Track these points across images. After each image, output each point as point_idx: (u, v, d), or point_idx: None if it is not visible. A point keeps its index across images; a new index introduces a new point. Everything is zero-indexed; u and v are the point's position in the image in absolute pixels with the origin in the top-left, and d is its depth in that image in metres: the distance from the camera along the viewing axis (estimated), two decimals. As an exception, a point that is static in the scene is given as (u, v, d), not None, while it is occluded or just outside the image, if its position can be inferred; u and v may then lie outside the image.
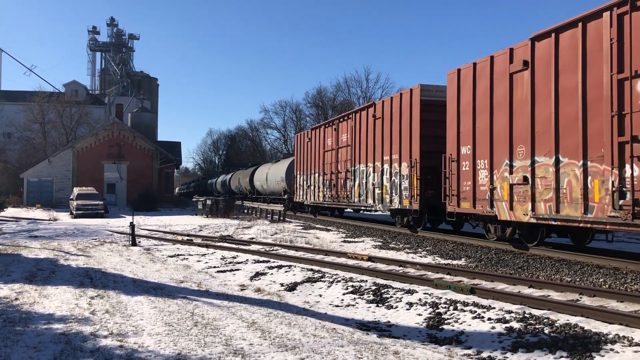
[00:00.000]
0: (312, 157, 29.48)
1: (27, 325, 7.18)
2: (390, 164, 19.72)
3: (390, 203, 19.86)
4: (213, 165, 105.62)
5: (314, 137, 29.28)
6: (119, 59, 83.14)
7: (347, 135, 24.28)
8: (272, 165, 42.50)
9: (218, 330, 6.97)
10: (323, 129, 27.99)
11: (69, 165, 46.29)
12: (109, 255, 15.58)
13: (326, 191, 26.89)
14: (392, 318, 8.21)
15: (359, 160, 22.73)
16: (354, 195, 23.19)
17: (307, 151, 30.64)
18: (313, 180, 29.19)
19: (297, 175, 32.56)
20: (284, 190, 36.46)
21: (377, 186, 20.88)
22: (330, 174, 26.37)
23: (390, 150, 19.78)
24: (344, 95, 70.73)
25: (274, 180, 39.58)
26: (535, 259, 12.86)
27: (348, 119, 24.32)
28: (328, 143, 26.89)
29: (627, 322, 6.83)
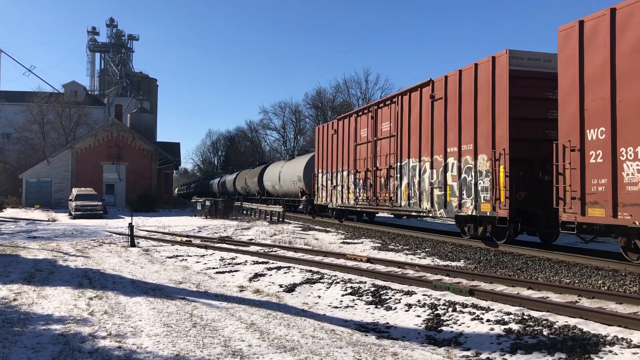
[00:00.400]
0: (339, 152, 25.19)
1: (25, 326, 7.17)
2: (459, 157, 15.43)
3: (458, 208, 15.43)
4: (212, 166, 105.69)
5: (342, 128, 24.82)
6: (119, 59, 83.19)
7: (389, 124, 20.02)
8: (286, 163, 38.16)
9: (217, 331, 6.96)
10: (355, 117, 23.49)
11: (68, 166, 46.27)
12: (108, 256, 15.57)
13: (359, 192, 22.71)
14: (391, 319, 8.21)
15: (407, 153, 18.51)
16: (401, 197, 18.89)
17: (332, 145, 26.23)
18: (340, 180, 24.94)
19: (319, 173, 28.21)
20: (302, 191, 32.43)
21: (437, 186, 16.50)
22: (364, 171, 22.15)
23: (459, 139, 15.41)
24: (343, 96, 70.85)
25: (288, 180, 35.45)
26: (535, 260, 12.86)
27: (391, 103, 20.05)
28: (362, 134, 22.58)
29: (625, 323, 6.84)
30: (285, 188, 36.66)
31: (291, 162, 36.97)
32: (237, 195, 52.06)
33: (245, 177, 49.48)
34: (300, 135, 79.70)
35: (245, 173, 51.29)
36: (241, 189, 51.16)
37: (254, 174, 46.46)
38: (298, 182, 33.14)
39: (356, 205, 23.44)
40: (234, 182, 54.15)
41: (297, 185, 33.56)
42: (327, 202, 27.19)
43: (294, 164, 35.23)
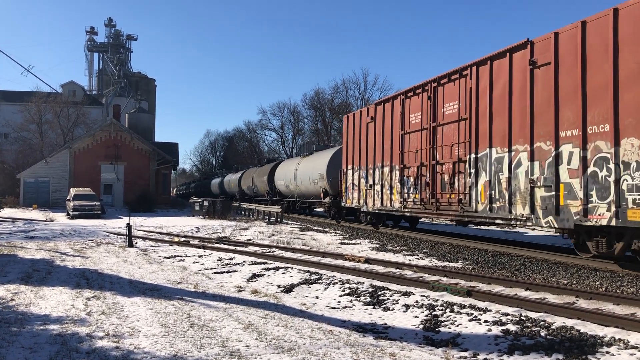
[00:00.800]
0: (377, 144, 21.01)
1: (22, 326, 7.16)
2: (583, 144, 11.23)
3: (583, 215, 11.18)
4: (210, 167, 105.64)
5: (382, 114, 20.60)
6: (117, 59, 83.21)
7: (457, 105, 15.74)
8: (303, 160, 33.63)
9: (214, 331, 6.96)
10: (401, 100, 19.10)
11: (66, 166, 46.22)
12: (106, 256, 15.55)
13: (408, 193, 18.42)
14: (389, 320, 8.21)
15: (488, 141, 14.21)
16: (476, 199, 14.54)
17: (366, 136, 21.95)
18: (379, 177, 20.68)
19: (348, 170, 23.88)
20: (324, 191, 27.94)
21: (542, 184, 12.32)
22: (416, 166, 17.82)
23: (583, 118, 11.23)
24: (341, 97, 70.90)
25: (307, 178, 31.09)
26: (532, 261, 12.88)
27: (460, 77, 15.60)
28: (412, 120, 18.37)
29: (623, 324, 6.85)
30: (302, 188, 32.49)
31: (310, 158, 32.44)
32: (242, 196, 49.19)
33: (253, 175, 45.61)
34: (299, 136, 79.76)
35: (252, 171, 47.39)
36: (247, 189, 47.88)
37: (262, 172, 42.39)
38: (320, 181, 28.86)
39: (403, 209, 18.82)
40: (239, 182, 50.91)
41: (318, 184, 29.29)
42: (359, 204, 22.67)
43: (315, 160, 30.80)
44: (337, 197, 26.21)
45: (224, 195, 56.24)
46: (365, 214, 23.33)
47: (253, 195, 45.71)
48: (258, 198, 44.05)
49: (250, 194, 47.02)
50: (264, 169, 42.65)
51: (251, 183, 45.60)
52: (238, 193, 50.60)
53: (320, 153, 31.67)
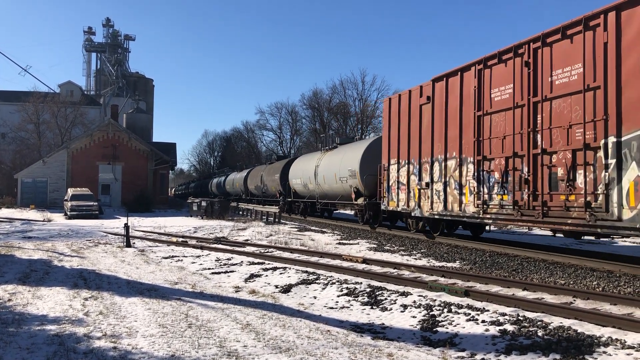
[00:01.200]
0: (436, 131, 16.49)
1: (20, 327, 7.15)
2: None
3: None
4: (208, 167, 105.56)
5: (445, 92, 16.07)
6: (115, 59, 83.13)
7: (578, 69, 11.44)
8: (325, 155, 29.23)
9: (212, 331, 6.96)
10: (475, 71, 14.74)
11: (63, 166, 46.15)
12: (103, 256, 15.53)
13: (489, 193, 14.00)
14: (387, 320, 8.22)
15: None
16: (620, 202, 10.24)
17: (419, 121, 17.44)
18: (439, 174, 16.23)
19: (391, 166, 19.60)
20: (356, 191, 23.48)
21: None
22: (506, 158, 13.39)
23: None
24: (339, 97, 70.86)
25: (332, 176, 26.63)
26: (530, 261, 12.90)
27: (586, 29, 11.22)
28: (497, 96, 13.94)
29: (620, 324, 6.86)
30: (325, 187, 27.98)
31: (335, 153, 27.80)
32: (249, 197, 46.31)
33: (262, 174, 41.46)
34: (297, 136, 79.77)
35: (260, 170, 43.49)
36: (255, 188, 43.88)
37: (274, 170, 38.15)
38: (350, 179, 24.18)
39: (482, 215, 14.26)
40: (245, 181, 47.40)
41: (347, 183, 24.59)
42: (407, 207, 18.25)
43: (342, 155, 26.11)
44: (373, 198, 21.89)
45: (227, 196, 54.56)
46: (416, 220, 18.78)
47: (262, 196, 42.23)
48: (268, 199, 40.60)
49: (258, 194, 43.59)
50: (275, 167, 38.42)
51: (260, 182, 41.91)
52: (244, 193, 47.75)
53: (349, 146, 26.89)
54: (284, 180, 35.88)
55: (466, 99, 15.25)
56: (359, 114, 68.11)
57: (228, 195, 55.10)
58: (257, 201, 42.33)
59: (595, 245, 16.61)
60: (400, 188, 18.98)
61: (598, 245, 16.78)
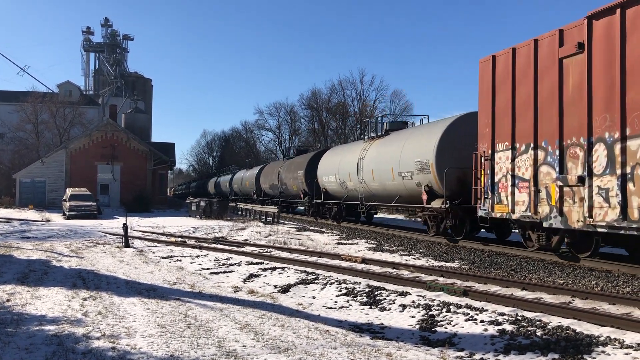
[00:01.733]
0: (596, 95, 11.00)
1: (19, 327, 7.14)
2: None
3: None
4: (207, 167, 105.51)
5: (621, 30, 10.41)
6: (113, 59, 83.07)
7: None
8: (372, 144, 22.80)
9: (211, 331, 6.96)
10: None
11: (62, 166, 46.11)
12: (102, 256, 15.52)
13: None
14: (386, 320, 8.23)
15: None
16: None
17: (558, 84, 11.93)
18: (604, 161, 10.76)
19: (498, 153, 14.07)
20: (428, 190, 17.46)
21: None
22: None
23: None
24: (338, 97, 70.74)
25: (386, 171, 20.49)
26: (528, 261, 12.91)
27: None
28: None
29: (618, 324, 6.87)
30: (374, 185, 21.84)
31: (389, 142, 21.45)
32: (261, 197, 41.82)
33: (279, 171, 36.13)
34: (296, 136, 79.70)
35: (277, 166, 38.40)
36: (271, 187, 38.57)
37: (296, 165, 32.75)
38: (418, 175, 18.18)
39: None
40: (257, 179, 42.51)
41: (413, 180, 18.53)
42: (535, 215, 12.62)
43: (405, 142, 19.68)
44: (456, 200, 16.28)
45: (235, 196, 50.72)
46: (550, 233, 12.76)
47: (279, 196, 36.65)
48: (288, 200, 35.85)
49: (274, 193, 38.14)
50: (297, 162, 32.99)
51: (276, 180, 36.51)
52: (255, 193, 42.83)
53: (411, 132, 20.48)
54: (309, 177, 29.98)
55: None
56: (357, 113, 68.09)
57: (236, 196, 50.77)
58: (271, 202, 37.91)
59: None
60: (517, 185, 13.28)
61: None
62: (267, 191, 40.22)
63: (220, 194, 59.20)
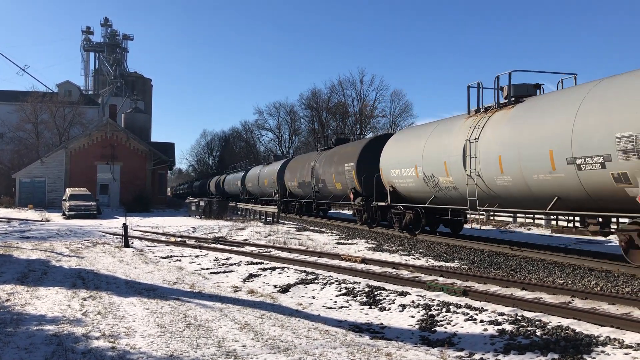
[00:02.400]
0: None
1: (18, 327, 7.14)
2: None
3: None
4: (207, 167, 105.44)
5: None
6: (113, 59, 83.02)
7: None
8: (489, 118, 14.53)
9: (211, 331, 6.96)
10: None
11: (61, 166, 46.08)
12: (102, 256, 15.52)
13: None
14: (385, 320, 8.23)
15: None
16: None
17: None
18: None
19: None
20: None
21: None
22: None
23: None
24: (338, 97, 70.74)
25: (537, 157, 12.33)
26: (528, 261, 12.92)
27: None
28: None
29: (618, 324, 6.87)
30: (500, 182, 13.96)
31: (539, 111, 12.93)
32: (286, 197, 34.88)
33: (313, 164, 29.12)
34: (295, 136, 79.67)
35: (308, 159, 31.33)
36: (300, 186, 31.79)
37: (339, 158, 25.24)
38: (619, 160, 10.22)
39: None
40: (280, 177, 35.61)
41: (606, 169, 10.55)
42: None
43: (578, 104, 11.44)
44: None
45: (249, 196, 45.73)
46: None
47: (314, 197, 29.37)
48: (326, 202, 28.78)
49: (305, 193, 31.08)
50: (343, 152, 25.33)
51: (310, 177, 29.17)
52: (278, 192, 35.63)
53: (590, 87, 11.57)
54: (363, 171, 21.73)
55: None
56: (357, 113, 68.09)
57: (250, 196, 45.54)
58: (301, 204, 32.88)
59: (594, 245, 16.63)
60: None
61: (596, 245, 16.80)
62: (293, 190, 33.34)
63: (227, 194, 54.75)
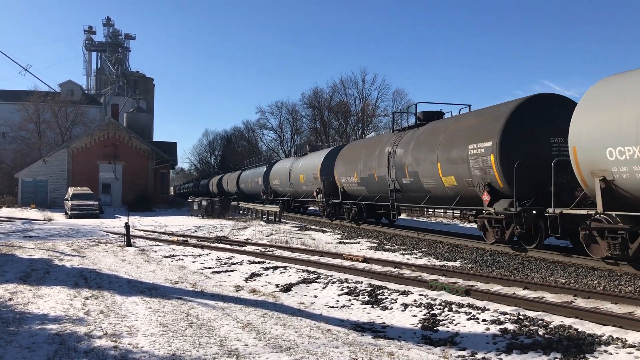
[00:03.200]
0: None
1: (21, 326, 7.15)
2: None
3: None
4: (209, 166, 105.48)
5: None
6: (115, 58, 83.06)
7: None
8: None
9: (213, 331, 6.96)
10: None
11: (64, 165, 46.13)
12: (104, 255, 15.53)
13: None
14: (387, 319, 8.22)
15: None
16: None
17: None
18: None
19: None
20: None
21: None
22: None
23: None
24: (340, 96, 70.66)
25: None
26: (531, 260, 12.90)
27: None
28: None
29: (621, 323, 6.86)
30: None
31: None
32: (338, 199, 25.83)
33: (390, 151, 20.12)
34: (297, 135, 79.63)
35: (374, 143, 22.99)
36: (362, 181, 22.84)
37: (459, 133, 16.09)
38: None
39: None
40: (324, 170, 27.68)
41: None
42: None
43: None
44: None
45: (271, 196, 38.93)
46: None
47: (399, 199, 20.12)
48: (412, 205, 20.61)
49: (367, 192, 22.86)
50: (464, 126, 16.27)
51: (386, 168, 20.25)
52: (321, 192, 27.59)
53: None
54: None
55: None
56: (359, 113, 68.06)
57: (276, 196, 38.50)
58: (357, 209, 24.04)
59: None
60: None
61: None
62: (349, 189, 24.39)
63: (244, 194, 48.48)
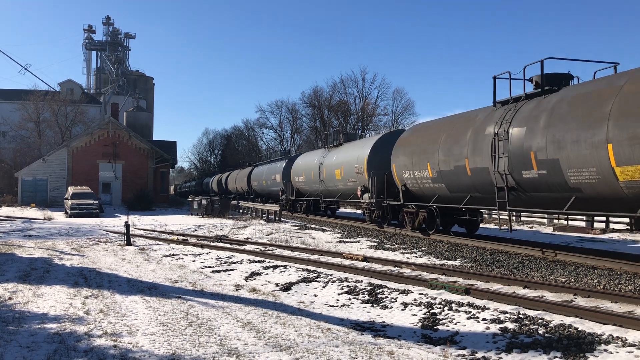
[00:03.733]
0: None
1: (20, 325, 7.15)
2: None
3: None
4: (209, 165, 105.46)
5: None
6: (115, 57, 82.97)
7: None
8: None
9: (213, 330, 6.95)
10: None
11: (64, 165, 46.12)
12: (104, 254, 15.53)
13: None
14: (387, 318, 8.22)
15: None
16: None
17: None
18: None
19: None
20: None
21: None
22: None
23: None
24: (340, 95, 70.66)
25: None
26: (530, 259, 12.90)
27: None
28: None
29: (621, 322, 6.86)
30: None
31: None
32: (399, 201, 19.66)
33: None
34: (297, 134, 79.61)
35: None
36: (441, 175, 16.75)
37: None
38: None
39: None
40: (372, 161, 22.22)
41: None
42: None
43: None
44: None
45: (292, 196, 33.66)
46: None
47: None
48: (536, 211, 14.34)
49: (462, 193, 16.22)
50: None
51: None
52: (368, 190, 22.42)
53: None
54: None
55: None
56: (359, 112, 68.03)
57: (299, 196, 32.98)
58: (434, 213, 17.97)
59: (596, 243, 16.61)
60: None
61: (599, 243, 16.76)
62: (417, 188, 18.78)
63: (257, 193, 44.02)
